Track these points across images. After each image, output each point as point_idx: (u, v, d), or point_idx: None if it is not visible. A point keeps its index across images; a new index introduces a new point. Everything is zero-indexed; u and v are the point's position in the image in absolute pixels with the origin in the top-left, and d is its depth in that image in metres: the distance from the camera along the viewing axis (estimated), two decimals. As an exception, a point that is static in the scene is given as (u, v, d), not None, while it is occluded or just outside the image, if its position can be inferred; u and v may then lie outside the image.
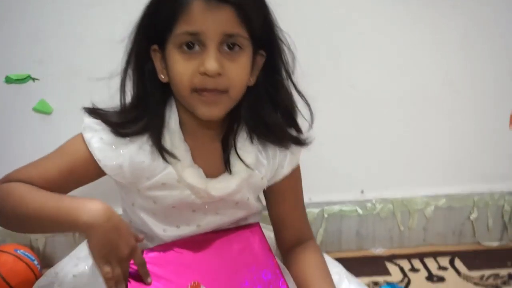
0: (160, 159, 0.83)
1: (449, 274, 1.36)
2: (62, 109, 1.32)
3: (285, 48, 0.87)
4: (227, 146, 0.88)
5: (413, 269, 1.39)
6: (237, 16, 0.76)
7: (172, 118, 0.85)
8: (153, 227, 0.90)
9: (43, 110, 1.31)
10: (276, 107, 0.88)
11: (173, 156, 0.83)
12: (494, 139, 1.45)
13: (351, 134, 1.41)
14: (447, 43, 1.36)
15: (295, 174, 0.97)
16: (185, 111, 0.85)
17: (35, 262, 1.30)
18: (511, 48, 1.39)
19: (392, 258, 1.44)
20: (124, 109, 0.85)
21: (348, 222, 1.46)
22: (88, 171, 0.84)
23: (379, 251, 1.48)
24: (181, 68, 0.78)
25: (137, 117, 0.83)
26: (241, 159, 0.87)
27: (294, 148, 0.93)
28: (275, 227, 1.00)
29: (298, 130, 0.93)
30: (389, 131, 1.42)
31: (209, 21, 0.76)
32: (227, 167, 0.87)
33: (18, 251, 1.30)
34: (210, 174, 0.88)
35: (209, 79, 0.77)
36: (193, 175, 0.85)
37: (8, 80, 1.29)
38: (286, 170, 0.93)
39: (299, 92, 0.92)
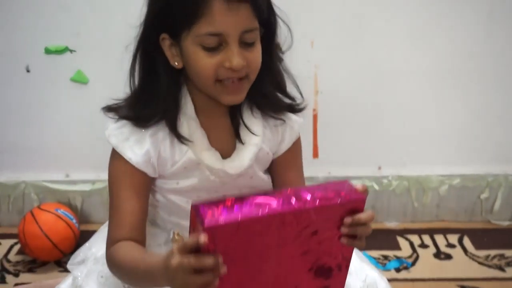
0: (179, 144, 0.87)
1: (456, 252, 1.42)
2: (98, 79, 1.40)
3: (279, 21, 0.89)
4: (236, 118, 0.90)
5: (423, 245, 1.45)
6: (253, 11, 0.78)
7: (188, 104, 0.87)
8: (179, 203, 0.93)
9: (80, 80, 1.39)
10: (271, 78, 0.90)
11: (190, 141, 0.86)
12: (509, 116, 1.46)
13: (370, 110, 1.44)
14: (471, 18, 1.37)
15: (296, 146, 0.97)
16: (198, 94, 0.87)
17: (74, 221, 1.41)
18: None
19: (403, 232, 1.50)
20: (137, 97, 0.86)
21: None
22: (142, 178, 0.87)
23: (392, 224, 1.54)
24: (205, 63, 0.80)
25: (152, 106, 0.84)
26: (249, 129, 0.90)
27: (292, 121, 0.94)
28: None
29: (291, 98, 0.94)
30: (408, 109, 1.45)
31: (231, 21, 0.77)
32: (238, 139, 0.90)
33: (59, 211, 1.40)
34: (225, 154, 0.90)
35: (234, 72, 0.80)
36: (210, 157, 0.88)
37: (47, 51, 1.37)
38: (287, 143, 0.95)
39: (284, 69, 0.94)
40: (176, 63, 0.82)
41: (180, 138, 0.86)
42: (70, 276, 0.98)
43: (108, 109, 0.87)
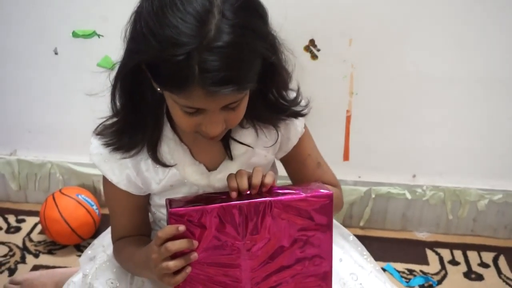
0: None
1: (489, 273, 1.36)
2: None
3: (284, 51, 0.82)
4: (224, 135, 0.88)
5: (453, 262, 1.40)
6: (238, 90, 0.72)
7: (167, 126, 0.86)
8: None
9: (106, 65, 1.37)
10: (266, 103, 0.86)
11: (167, 166, 0.86)
12: None
13: (408, 117, 1.40)
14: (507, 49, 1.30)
15: (305, 139, 0.96)
16: None
17: (94, 207, 1.43)
18: None
19: (434, 245, 1.45)
20: (119, 125, 0.85)
21: (395, 204, 1.48)
22: (129, 196, 0.90)
23: (423, 235, 1.49)
24: (182, 121, 0.78)
25: (134, 137, 0.84)
26: (238, 142, 0.88)
27: (294, 120, 0.92)
28: None
29: (291, 110, 0.90)
30: (448, 116, 1.40)
31: (211, 103, 0.73)
32: (227, 153, 0.88)
33: (79, 196, 1.42)
34: (212, 165, 0.89)
35: (209, 135, 0.79)
36: (195, 173, 0.88)
37: (75, 35, 1.36)
38: (293, 140, 0.94)
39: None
40: (158, 89, 0.77)
41: (160, 164, 0.86)
42: (81, 271, 1.03)
43: (97, 133, 0.87)
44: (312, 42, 1.33)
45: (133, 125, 0.83)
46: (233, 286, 0.85)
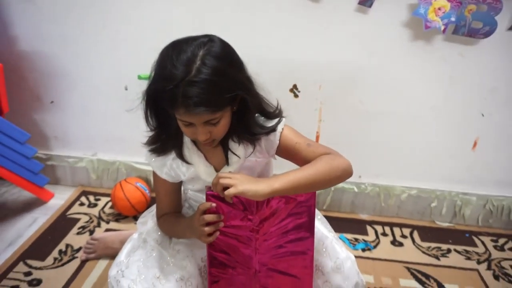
0: (186, 164, 0.90)
1: (407, 242, 1.39)
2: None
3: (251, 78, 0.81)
4: (224, 145, 0.89)
5: (384, 234, 1.43)
6: (210, 112, 0.74)
7: (186, 138, 0.89)
8: (196, 197, 0.99)
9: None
10: (243, 124, 0.84)
11: (189, 163, 0.89)
12: (458, 152, 1.41)
13: (357, 137, 1.42)
14: (435, 81, 1.32)
15: (288, 135, 0.88)
16: None
17: (147, 191, 1.47)
18: (482, 92, 1.34)
19: (372, 223, 1.48)
20: (154, 138, 0.87)
21: (347, 195, 1.51)
22: (168, 183, 0.94)
23: (365, 216, 1.52)
24: (184, 130, 0.80)
25: (166, 145, 0.87)
26: (233, 153, 0.88)
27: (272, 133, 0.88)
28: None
29: (266, 127, 0.87)
30: (383, 138, 1.41)
31: (193, 118, 0.75)
32: (226, 159, 0.89)
33: (137, 184, 1.46)
34: (220, 167, 0.90)
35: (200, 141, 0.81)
36: (205, 173, 0.89)
37: (139, 77, 1.36)
38: (276, 142, 0.88)
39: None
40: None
41: (184, 161, 0.89)
42: (137, 232, 1.04)
43: (146, 143, 0.90)
44: (295, 86, 1.36)
45: (163, 137, 0.86)
46: (245, 259, 0.85)
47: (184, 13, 1.31)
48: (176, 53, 0.74)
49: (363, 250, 1.35)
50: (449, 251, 1.37)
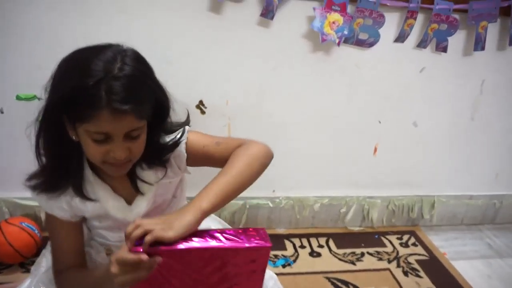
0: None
1: (324, 251, 1.41)
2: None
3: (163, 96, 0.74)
4: (130, 173, 0.78)
5: (302, 246, 1.43)
6: (136, 117, 0.66)
7: (88, 170, 0.77)
8: (105, 235, 0.86)
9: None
10: (153, 146, 0.76)
11: (92, 200, 0.77)
12: (361, 158, 1.48)
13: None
14: (336, 91, 1.38)
15: (194, 141, 0.81)
16: None
17: (36, 231, 1.26)
18: (377, 99, 1.43)
19: (289, 236, 1.47)
20: (46, 173, 0.74)
21: (262, 211, 1.49)
22: (68, 223, 0.80)
23: (281, 230, 1.51)
24: (93, 151, 0.68)
25: (60, 182, 0.74)
26: (142, 180, 0.79)
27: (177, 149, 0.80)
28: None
29: (170, 145, 0.79)
30: (292, 150, 1.42)
31: (116, 126, 0.66)
32: (137, 191, 0.80)
33: (23, 224, 1.25)
34: (131, 198, 0.80)
35: (117, 160, 0.70)
36: (115, 207, 0.79)
37: (18, 98, 1.22)
38: (183, 153, 0.80)
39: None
40: (74, 137, 0.70)
41: (86, 199, 0.77)
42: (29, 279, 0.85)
43: (31, 183, 0.75)
44: (201, 102, 1.31)
45: (55, 172, 0.73)
46: None
47: (71, 25, 1.17)
48: (91, 55, 0.66)
49: (283, 266, 1.33)
50: (362, 254, 1.41)
